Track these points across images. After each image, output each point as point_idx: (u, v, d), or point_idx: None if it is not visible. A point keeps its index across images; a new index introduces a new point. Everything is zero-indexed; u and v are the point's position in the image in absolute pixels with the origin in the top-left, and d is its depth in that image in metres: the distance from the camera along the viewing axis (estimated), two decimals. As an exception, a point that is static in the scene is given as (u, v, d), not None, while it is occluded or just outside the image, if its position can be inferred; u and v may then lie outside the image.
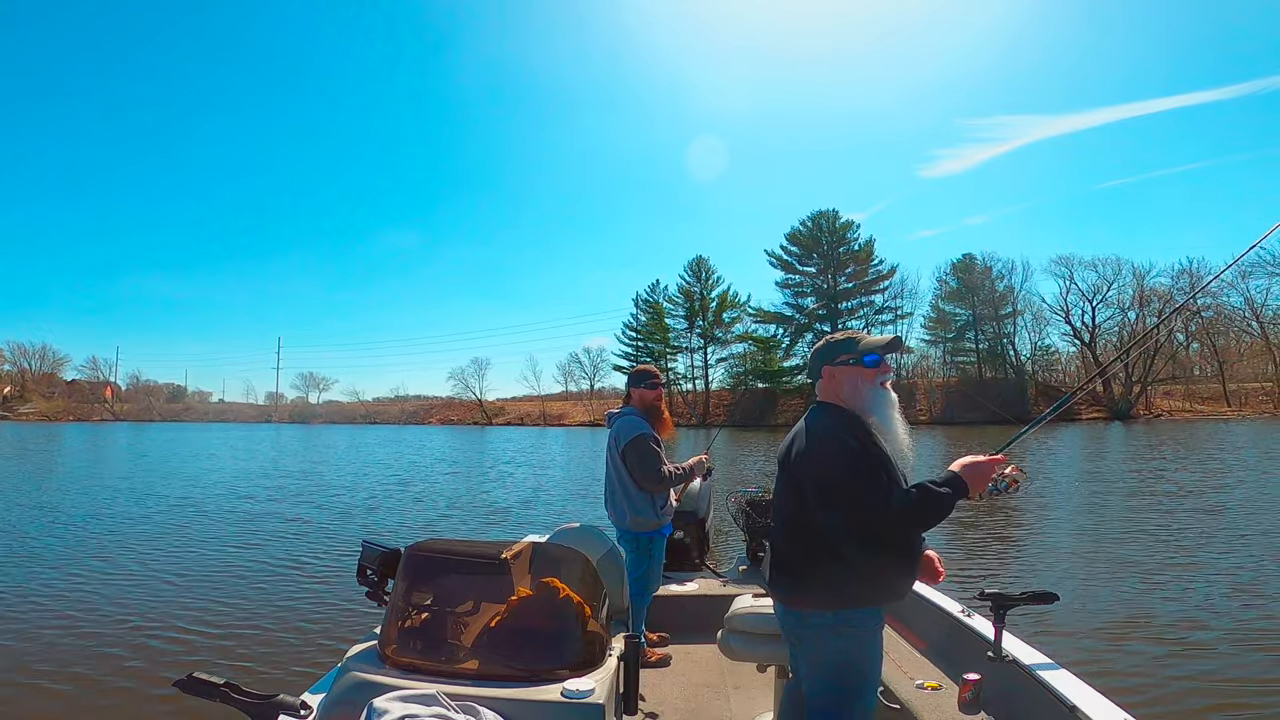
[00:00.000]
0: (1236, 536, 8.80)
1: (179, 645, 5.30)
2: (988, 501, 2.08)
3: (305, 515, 11.93)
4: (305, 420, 76.74)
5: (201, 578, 7.44)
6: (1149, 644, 5.11)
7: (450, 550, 2.22)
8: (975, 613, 3.02)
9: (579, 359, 72.50)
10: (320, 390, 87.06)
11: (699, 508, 4.74)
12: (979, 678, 2.58)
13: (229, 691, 1.62)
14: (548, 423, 65.40)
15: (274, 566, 8.02)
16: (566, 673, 1.82)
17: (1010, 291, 57.18)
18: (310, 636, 5.54)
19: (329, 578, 7.41)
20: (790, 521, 1.99)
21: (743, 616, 2.62)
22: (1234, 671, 4.58)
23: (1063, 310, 56.11)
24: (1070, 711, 2.18)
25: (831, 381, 2.04)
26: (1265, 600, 6.09)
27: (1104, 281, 55.04)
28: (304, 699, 1.80)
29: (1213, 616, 5.68)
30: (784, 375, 60.61)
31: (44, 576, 7.47)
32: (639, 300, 65.99)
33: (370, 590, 2.19)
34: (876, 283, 59.61)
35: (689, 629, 3.95)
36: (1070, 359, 57.92)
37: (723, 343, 64.08)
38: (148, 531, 10.22)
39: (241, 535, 9.99)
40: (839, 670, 1.90)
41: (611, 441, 3.54)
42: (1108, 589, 6.56)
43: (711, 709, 3.21)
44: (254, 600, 6.57)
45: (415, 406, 77.70)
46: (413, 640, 1.99)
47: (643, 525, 3.46)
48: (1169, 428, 38.93)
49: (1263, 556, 7.68)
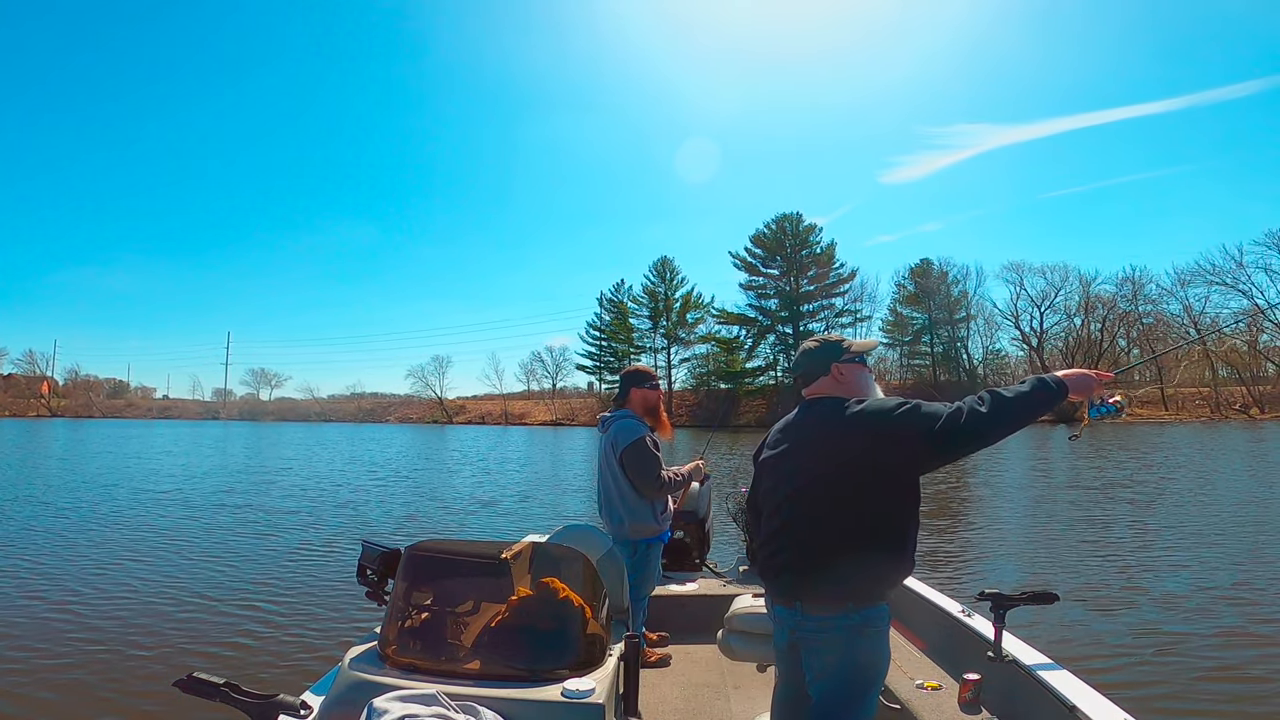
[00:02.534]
0: (1235, 537, 8.90)
1: (179, 645, 5.26)
2: (1087, 429, 1.99)
3: (304, 515, 11.85)
4: (256, 418, 74.49)
5: (201, 577, 7.39)
6: (1149, 644, 5.12)
7: (450, 550, 2.22)
8: (975, 613, 3.01)
9: (541, 358, 72.15)
10: (272, 387, 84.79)
11: (699, 507, 4.67)
12: (979, 678, 2.60)
13: (229, 691, 1.60)
14: (509, 422, 64.84)
15: (274, 566, 8.00)
16: (566, 673, 1.82)
17: (964, 296, 58.91)
18: (310, 636, 5.51)
19: (329, 578, 7.39)
20: (819, 518, 1.89)
21: (743, 616, 2.62)
22: (1234, 671, 4.59)
23: (1013, 315, 58.05)
24: (1070, 711, 2.18)
25: (841, 377, 2.04)
26: (1265, 600, 6.14)
27: (1052, 288, 57.03)
28: (304, 699, 1.79)
29: (1213, 616, 5.71)
30: (746, 376, 61.29)
31: (43, 576, 7.41)
32: (603, 300, 66.01)
33: (370, 590, 2.18)
34: (837, 286, 60.73)
35: (689, 629, 3.93)
36: (1019, 363, 59.92)
37: (686, 343, 64.49)
38: (148, 531, 10.13)
39: (242, 535, 9.93)
40: (855, 671, 1.87)
41: (608, 446, 3.35)
42: (1108, 589, 6.58)
43: (711, 709, 3.20)
44: (254, 600, 6.53)
45: (373, 404, 76.17)
46: (413, 640, 1.99)
47: (642, 532, 3.32)
48: (1112, 430, 40.56)
49: (1262, 556, 7.79)
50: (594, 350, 66.26)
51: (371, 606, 2.18)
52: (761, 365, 61.75)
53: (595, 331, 65.90)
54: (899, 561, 1.88)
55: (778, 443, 2.07)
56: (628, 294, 65.21)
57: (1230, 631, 5.34)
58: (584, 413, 64.33)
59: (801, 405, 2.10)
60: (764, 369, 61.62)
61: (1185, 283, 53.56)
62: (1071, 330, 56.39)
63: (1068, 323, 56.91)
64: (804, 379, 2.10)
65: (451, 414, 69.87)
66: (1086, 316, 55.78)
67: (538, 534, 3.29)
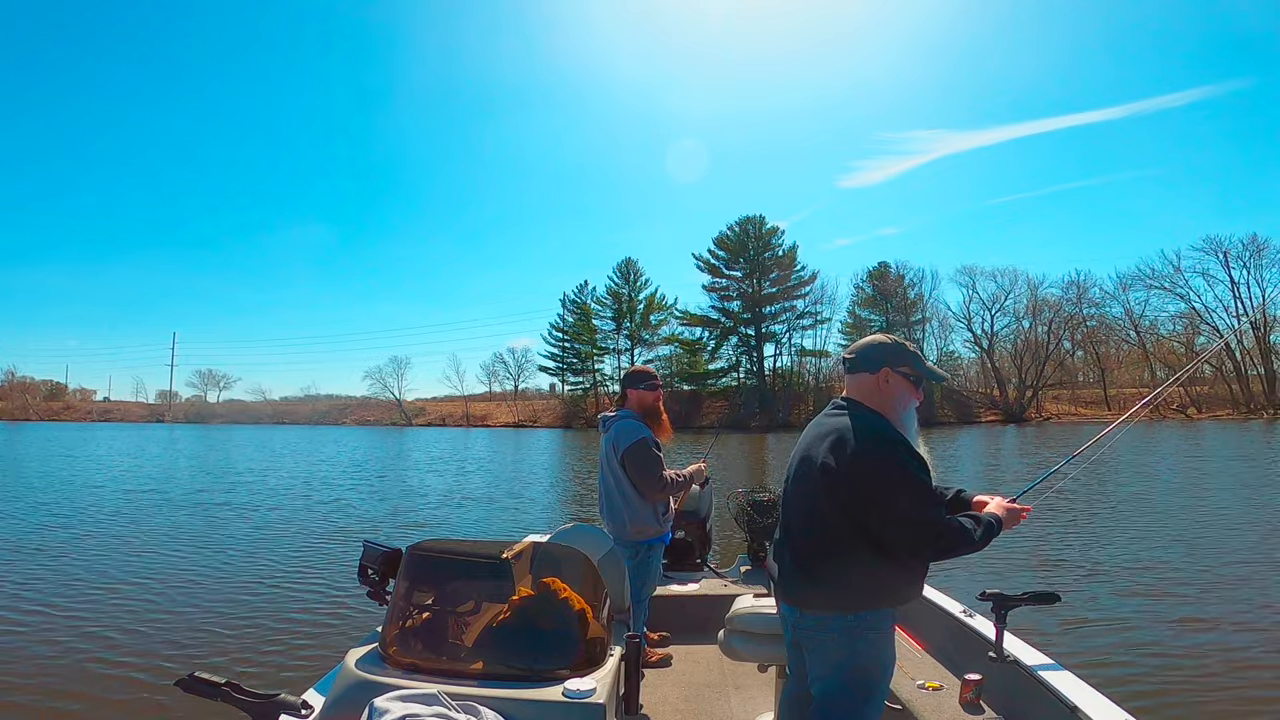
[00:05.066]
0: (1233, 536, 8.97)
1: (180, 644, 5.25)
2: None
3: (304, 515, 11.85)
4: (204, 420, 71.82)
5: (202, 577, 7.38)
6: (1149, 644, 5.13)
7: (451, 550, 2.22)
8: (976, 613, 3.02)
9: (503, 359, 71.42)
10: (220, 389, 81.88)
11: (700, 507, 4.66)
12: (980, 678, 2.61)
13: (230, 691, 1.61)
14: (471, 424, 63.97)
15: (275, 566, 7.99)
16: (567, 673, 1.83)
17: (920, 299, 60.33)
18: (311, 636, 5.51)
19: (330, 577, 7.37)
20: (816, 522, 1.89)
21: (744, 617, 2.61)
22: (1234, 671, 4.59)
23: (966, 318, 59.67)
24: (1071, 711, 2.18)
25: (884, 384, 1.97)
26: (1265, 599, 6.15)
27: (1002, 291, 58.67)
28: (305, 698, 1.79)
29: (1213, 616, 5.73)
30: (709, 378, 61.74)
31: (45, 577, 7.40)
32: (566, 301, 65.66)
33: (371, 590, 2.18)
34: (799, 288, 61.48)
35: (690, 629, 3.92)
36: (970, 364, 61.78)
37: (649, 345, 64.57)
38: (147, 531, 10.09)
39: (242, 535, 9.90)
40: (858, 672, 1.88)
41: (609, 447, 3.31)
42: (1108, 589, 6.61)
43: (712, 709, 3.19)
44: (255, 599, 6.52)
45: (328, 406, 74.12)
46: (414, 640, 1.99)
47: (644, 534, 3.29)
48: (1060, 430, 42.07)
49: (1261, 555, 7.86)
50: (556, 352, 65.86)
51: (373, 606, 2.19)
52: (724, 367, 62.26)
53: (558, 333, 65.53)
54: (903, 570, 1.88)
55: (816, 444, 1.98)
56: (591, 295, 65.03)
57: (1230, 631, 5.35)
58: (546, 414, 63.91)
59: (834, 404, 2.04)
60: (726, 370, 62.16)
61: (1127, 286, 56.04)
62: (1020, 332, 58.28)
63: (1017, 325, 58.82)
64: (851, 368, 2.02)
65: (411, 416, 68.54)
66: (1034, 319, 57.73)
67: (538, 534, 3.27)
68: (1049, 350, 56.21)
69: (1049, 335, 56.78)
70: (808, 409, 54.76)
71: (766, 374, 60.89)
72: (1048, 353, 55.95)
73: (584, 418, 59.95)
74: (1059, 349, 57.13)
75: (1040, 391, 55.85)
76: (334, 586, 6.95)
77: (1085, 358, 59.83)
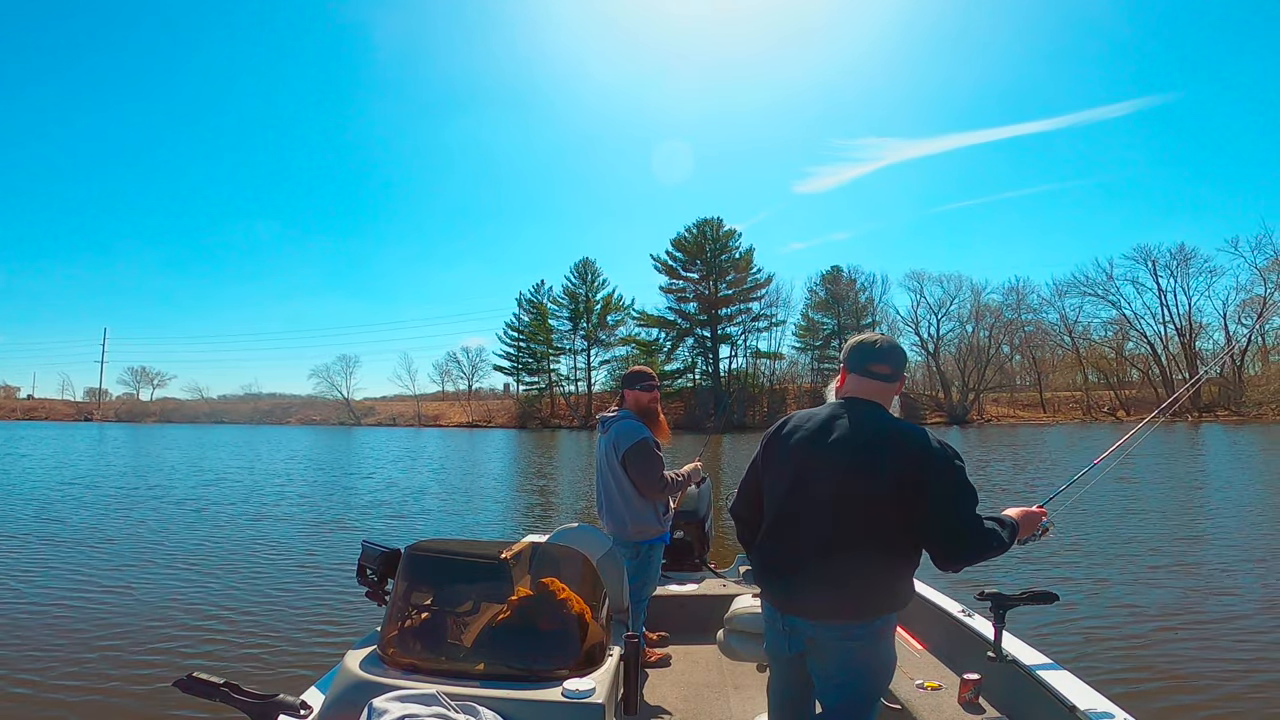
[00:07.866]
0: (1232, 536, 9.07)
1: (178, 644, 5.23)
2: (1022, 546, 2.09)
3: (304, 515, 11.74)
4: (136, 419, 68.60)
5: (201, 577, 7.34)
6: (1149, 643, 5.15)
7: (450, 550, 2.21)
8: (975, 613, 3.01)
9: (457, 358, 70.25)
10: (154, 386, 78.43)
11: (698, 507, 4.66)
12: (979, 678, 2.63)
13: (229, 691, 1.60)
14: (423, 423, 62.77)
15: (274, 566, 7.95)
16: (566, 673, 1.83)
17: (871, 303, 61.87)
18: (310, 636, 5.49)
19: (329, 577, 7.34)
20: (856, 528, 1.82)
21: (743, 617, 2.64)
22: (1233, 671, 4.61)
23: (913, 322, 61.56)
24: (1070, 711, 2.18)
25: (899, 390, 2.02)
26: (1264, 600, 6.21)
27: (948, 296, 60.67)
28: (304, 699, 1.76)
29: (1212, 615, 5.76)
30: (665, 379, 62.02)
31: (43, 576, 7.36)
32: (522, 300, 65.09)
33: (370, 590, 2.16)
34: (754, 291, 62.36)
35: (689, 629, 3.92)
36: (917, 368, 63.69)
37: (606, 345, 64.54)
38: (147, 532, 10.02)
39: (242, 535, 9.81)
40: (877, 676, 1.89)
41: (609, 447, 3.31)
42: (1108, 588, 6.64)
43: (712, 709, 3.18)
44: (254, 599, 6.48)
45: (271, 405, 71.54)
46: (413, 640, 1.98)
47: (645, 533, 3.29)
48: (999, 431, 43.72)
49: (1260, 556, 7.92)
50: (512, 351, 65.24)
51: (371, 606, 2.16)
52: (680, 368, 62.61)
53: (514, 332, 64.90)
54: (910, 571, 1.90)
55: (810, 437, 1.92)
56: (548, 295, 64.67)
57: (1230, 631, 5.38)
58: (501, 414, 63.19)
59: (855, 403, 1.95)
60: (682, 371, 62.53)
61: (1062, 293, 58.68)
62: (964, 337, 60.40)
63: (961, 329, 60.94)
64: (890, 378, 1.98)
65: (360, 415, 66.90)
66: (977, 324, 59.91)
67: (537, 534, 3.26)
68: (990, 354, 58.45)
69: (990, 340, 59.03)
70: (763, 410, 55.63)
71: (722, 375, 61.53)
72: (989, 357, 58.16)
73: (539, 418, 59.53)
74: (999, 353, 59.48)
75: (981, 394, 58.00)
76: (332, 586, 6.93)
77: (1023, 362, 62.39)
